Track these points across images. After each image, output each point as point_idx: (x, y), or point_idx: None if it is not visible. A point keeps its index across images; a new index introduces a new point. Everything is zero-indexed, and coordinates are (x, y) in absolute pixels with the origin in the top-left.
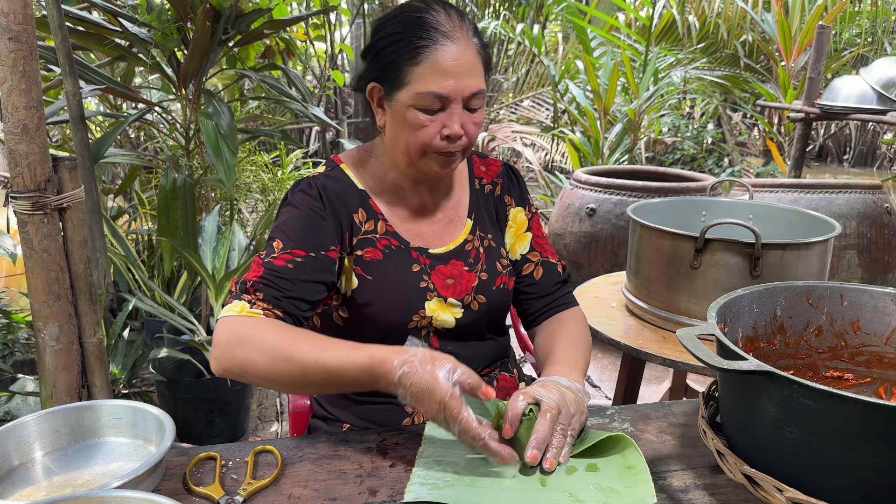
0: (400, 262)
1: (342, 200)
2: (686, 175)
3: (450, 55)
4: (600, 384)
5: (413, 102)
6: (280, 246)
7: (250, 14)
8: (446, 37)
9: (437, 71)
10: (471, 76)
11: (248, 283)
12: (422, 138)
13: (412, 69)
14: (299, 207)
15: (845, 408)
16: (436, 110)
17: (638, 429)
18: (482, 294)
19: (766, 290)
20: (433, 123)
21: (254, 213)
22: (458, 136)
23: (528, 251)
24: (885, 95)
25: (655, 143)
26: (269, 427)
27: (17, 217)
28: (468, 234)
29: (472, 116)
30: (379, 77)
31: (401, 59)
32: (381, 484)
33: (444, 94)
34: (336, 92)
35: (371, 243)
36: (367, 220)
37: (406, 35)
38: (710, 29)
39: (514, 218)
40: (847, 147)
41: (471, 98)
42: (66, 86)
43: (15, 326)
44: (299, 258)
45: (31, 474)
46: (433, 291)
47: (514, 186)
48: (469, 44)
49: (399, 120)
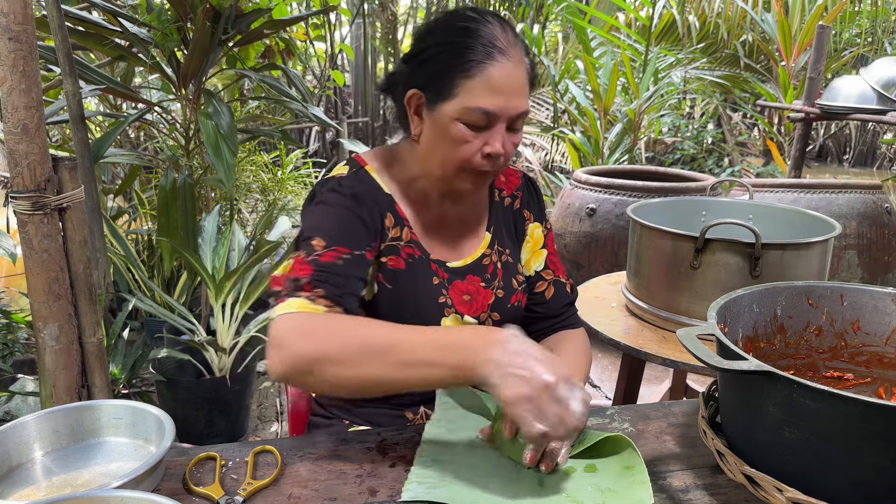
0: (421, 273)
1: (374, 202)
2: (686, 175)
3: (504, 73)
4: (600, 384)
5: (459, 116)
6: (322, 244)
7: (250, 14)
8: (503, 53)
9: (489, 87)
10: (520, 96)
11: (301, 281)
12: (463, 154)
13: (463, 82)
14: (334, 206)
15: (845, 408)
16: (481, 127)
17: (638, 429)
18: (497, 311)
19: (766, 290)
20: (476, 140)
21: (254, 213)
22: (499, 156)
23: (543, 269)
24: (885, 95)
25: (655, 143)
26: (269, 427)
27: (17, 217)
28: (486, 248)
29: (513, 136)
30: (423, 85)
31: (452, 69)
32: (381, 484)
33: (494, 112)
34: (336, 92)
35: (396, 251)
36: (394, 225)
37: (460, 46)
38: (710, 29)
39: (532, 233)
40: (847, 147)
41: (516, 118)
42: (66, 86)
43: (15, 326)
44: (346, 255)
45: (30, 474)
46: (451, 307)
47: (533, 200)
48: (522, 63)
49: (440, 132)
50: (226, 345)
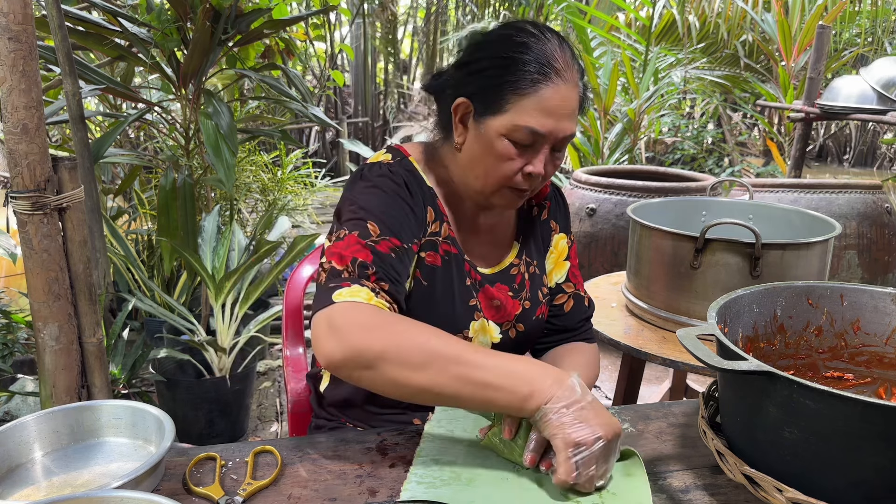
0: (456, 272)
1: (418, 193)
2: (686, 175)
3: (558, 95)
4: (600, 384)
5: (507, 133)
6: (377, 231)
7: (250, 14)
8: (559, 75)
9: (541, 108)
10: (569, 119)
11: (368, 269)
12: (504, 171)
13: (515, 99)
14: (386, 191)
15: (845, 408)
16: (526, 146)
17: (638, 429)
18: (522, 323)
19: (766, 290)
20: (519, 159)
21: (254, 213)
22: (538, 177)
23: (564, 281)
24: (885, 95)
25: (655, 143)
26: (268, 427)
27: (17, 217)
28: (514, 258)
29: (555, 157)
30: (472, 94)
31: (505, 85)
32: (381, 484)
33: (542, 133)
34: (336, 92)
35: (434, 246)
36: (434, 219)
37: (515, 61)
38: (710, 29)
39: (557, 244)
40: (847, 147)
41: (562, 141)
42: (66, 86)
43: (15, 326)
44: (397, 248)
45: (30, 474)
46: (480, 312)
47: (560, 211)
48: (576, 86)
49: (485, 145)
50: (226, 345)
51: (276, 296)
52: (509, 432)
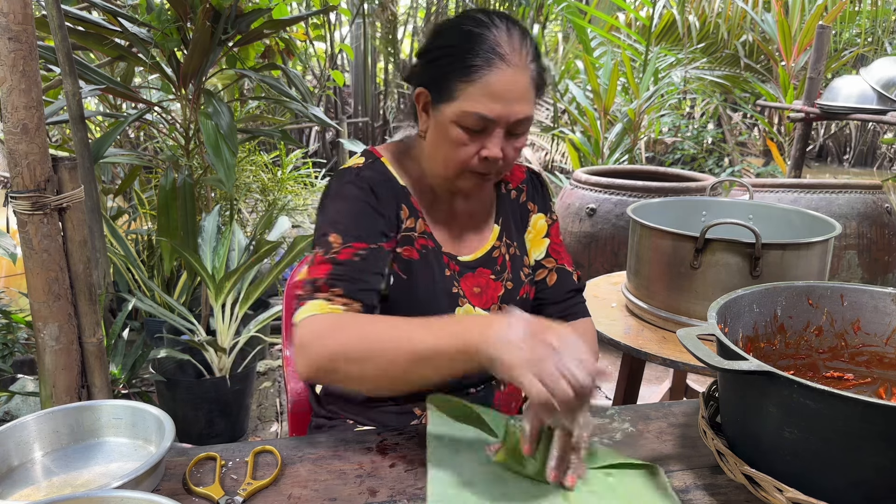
0: (435, 264)
1: (390, 193)
2: (686, 175)
3: (503, 80)
4: (600, 384)
5: (457, 119)
6: (339, 241)
7: (250, 14)
8: (503, 60)
9: (487, 93)
10: (520, 103)
11: (319, 282)
12: (460, 156)
13: (462, 86)
14: (350, 199)
15: (845, 408)
16: (478, 131)
17: (638, 429)
18: (506, 303)
19: (766, 290)
20: (473, 143)
21: (254, 213)
22: (496, 160)
23: (544, 257)
24: (885, 95)
25: (655, 143)
26: (269, 427)
27: (17, 217)
28: (495, 241)
29: (514, 141)
30: (428, 83)
31: (453, 73)
32: (381, 484)
33: (490, 118)
34: (336, 92)
35: (410, 241)
36: (409, 216)
37: (462, 50)
38: (710, 29)
39: (535, 224)
40: (847, 147)
41: (517, 124)
42: (66, 86)
43: (15, 326)
44: (362, 251)
45: (30, 474)
46: (464, 298)
47: (537, 193)
48: (525, 69)
49: (441, 132)
50: (226, 345)
51: (276, 296)
52: (529, 449)
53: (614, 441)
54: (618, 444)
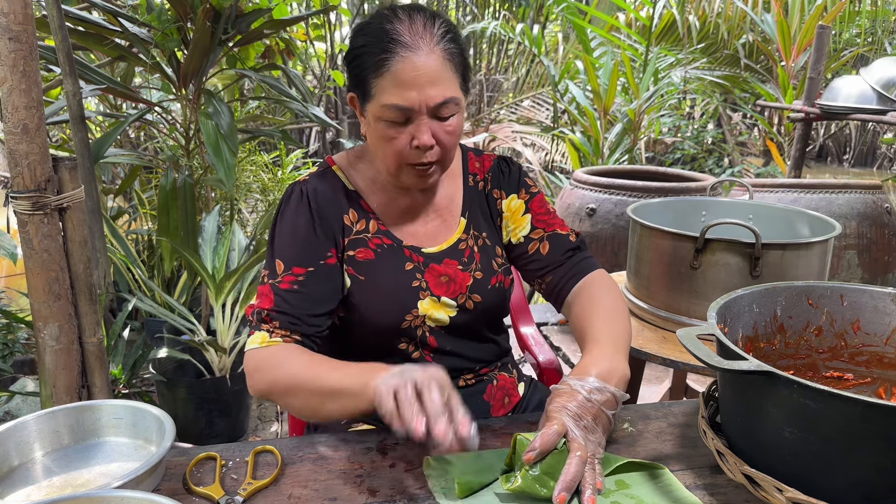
0: (392, 261)
1: (332, 203)
2: (686, 175)
3: (409, 66)
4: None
5: (380, 115)
6: (281, 268)
7: (250, 14)
8: (406, 47)
9: (397, 83)
10: (435, 85)
11: (263, 313)
12: (393, 149)
13: (376, 82)
14: (291, 221)
15: (845, 408)
16: (403, 122)
17: (638, 429)
18: (477, 293)
19: (766, 290)
20: (402, 135)
21: (254, 213)
22: (428, 147)
23: (530, 231)
24: (885, 95)
25: (655, 143)
26: (269, 427)
27: (17, 217)
28: (461, 234)
29: (444, 125)
30: (352, 88)
31: (366, 71)
32: (381, 484)
33: (406, 107)
34: (336, 92)
35: (363, 243)
36: (357, 220)
37: (369, 47)
38: (710, 29)
39: (508, 207)
40: (847, 147)
41: (439, 107)
42: (66, 86)
43: (15, 326)
44: (300, 276)
45: (31, 474)
46: (426, 290)
47: (503, 178)
48: (433, 51)
49: (373, 131)
50: (226, 345)
51: None
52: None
53: (614, 441)
54: (618, 443)
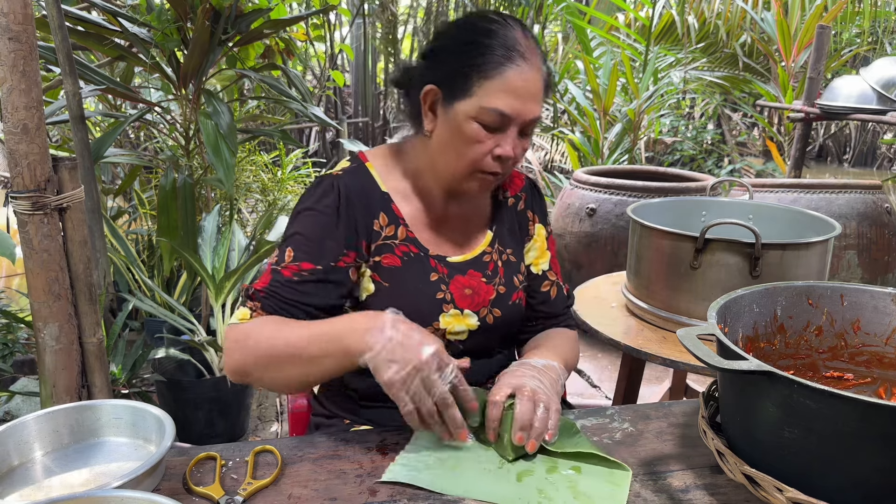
0: (418, 270)
1: (363, 205)
2: (686, 175)
3: (523, 76)
4: (600, 384)
5: (475, 115)
6: (291, 256)
7: (250, 14)
8: (523, 57)
9: (507, 89)
10: (535, 101)
11: (250, 291)
12: (474, 153)
13: (482, 82)
14: (316, 214)
15: (845, 408)
16: (494, 128)
17: (638, 429)
18: (498, 307)
19: (766, 290)
20: (488, 141)
21: (254, 213)
22: (509, 159)
23: (548, 269)
24: (885, 95)
25: (655, 143)
26: (269, 427)
27: (17, 217)
28: (487, 246)
29: (523, 141)
30: (440, 81)
31: (471, 69)
32: (381, 484)
33: (509, 114)
34: (336, 92)
35: (390, 249)
36: (387, 224)
37: (480, 45)
38: (709, 29)
39: (539, 233)
40: (847, 147)
41: (529, 123)
42: (66, 86)
43: (15, 326)
44: (306, 271)
45: (30, 474)
46: (450, 303)
47: (536, 202)
48: (540, 69)
49: (454, 130)
50: None
51: None
52: (493, 436)
53: (614, 441)
54: (618, 443)
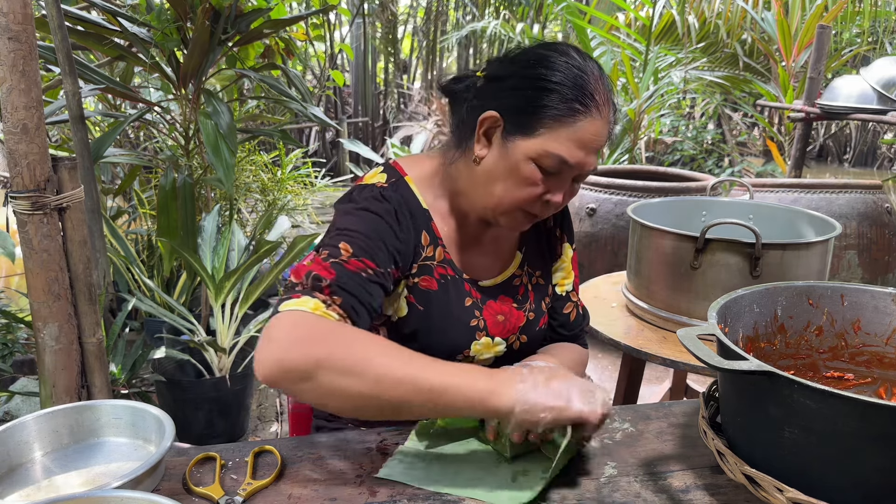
0: (454, 295)
1: (412, 221)
2: (686, 175)
3: (593, 130)
4: (600, 384)
5: (536, 157)
6: (349, 251)
7: (250, 14)
8: (598, 110)
9: (575, 140)
10: (597, 154)
11: (323, 282)
12: (524, 195)
13: (551, 125)
14: (372, 215)
15: (845, 408)
16: (551, 173)
17: (638, 429)
18: (526, 334)
19: (766, 290)
20: (541, 185)
21: (253, 213)
22: (555, 206)
23: (571, 290)
24: (885, 95)
25: (655, 143)
26: (269, 427)
27: (17, 217)
28: (517, 269)
29: (573, 188)
30: (504, 110)
31: (543, 109)
32: (381, 484)
33: (571, 164)
34: (336, 92)
35: (429, 271)
36: (428, 244)
37: (559, 87)
38: (709, 29)
39: (566, 253)
40: (847, 147)
41: (586, 174)
42: (66, 86)
43: (15, 326)
44: (370, 269)
45: (30, 474)
46: (482, 330)
47: (566, 222)
48: (608, 124)
49: (509, 165)
50: (225, 345)
51: (275, 296)
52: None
53: (614, 441)
54: (618, 444)
